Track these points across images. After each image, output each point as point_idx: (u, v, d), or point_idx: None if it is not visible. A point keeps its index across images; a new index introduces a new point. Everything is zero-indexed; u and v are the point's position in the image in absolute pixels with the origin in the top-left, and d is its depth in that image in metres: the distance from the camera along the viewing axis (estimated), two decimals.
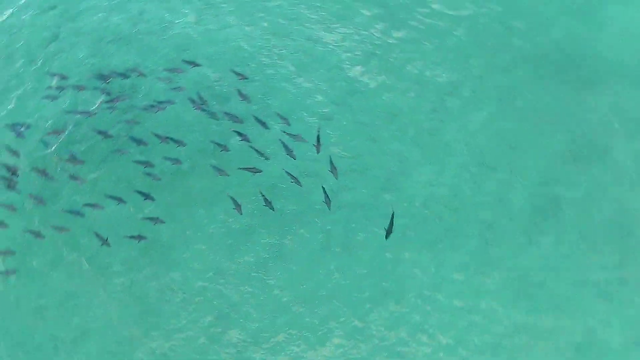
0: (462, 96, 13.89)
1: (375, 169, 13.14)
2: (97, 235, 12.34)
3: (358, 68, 14.30)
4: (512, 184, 12.88)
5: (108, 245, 12.35)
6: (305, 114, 13.74)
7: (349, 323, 11.91)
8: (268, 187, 12.96)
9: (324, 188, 12.27)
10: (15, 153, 13.19)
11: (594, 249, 12.20)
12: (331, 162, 12.36)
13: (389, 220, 11.90)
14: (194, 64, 13.90)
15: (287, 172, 12.57)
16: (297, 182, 12.49)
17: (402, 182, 12.99)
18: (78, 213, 12.65)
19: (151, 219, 12.51)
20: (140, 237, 12.41)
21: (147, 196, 12.63)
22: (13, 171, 13.00)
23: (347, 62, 14.40)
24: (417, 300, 11.99)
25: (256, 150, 12.75)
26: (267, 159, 12.81)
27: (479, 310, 11.79)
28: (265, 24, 15.18)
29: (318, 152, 12.54)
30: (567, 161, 13.13)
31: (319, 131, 12.64)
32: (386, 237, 11.93)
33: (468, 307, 11.86)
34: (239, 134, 13.01)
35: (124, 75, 13.93)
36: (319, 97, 13.96)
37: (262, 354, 11.80)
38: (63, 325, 12.17)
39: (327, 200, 12.19)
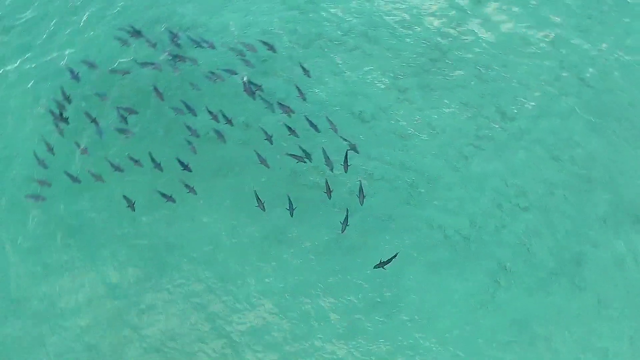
0: (511, 131, 13.39)
1: (402, 181, 12.91)
2: (126, 198, 12.70)
3: (411, 79, 14.06)
4: (540, 230, 12.31)
5: (133, 209, 12.68)
6: (347, 116, 13.67)
7: (332, 328, 11.77)
8: (295, 175, 13.03)
9: (347, 211, 12.20)
10: (67, 98, 13.76)
11: (607, 316, 11.50)
12: (360, 189, 12.25)
13: (390, 256, 11.76)
14: (270, 47, 13.92)
15: (327, 181, 12.47)
16: (329, 194, 12.38)
17: (426, 200, 12.69)
18: (118, 167, 13.04)
19: (187, 186, 12.68)
20: (170, 198, 12.64)
21: (185, 167, 12.85)
22: (62, 113, 13.57)
23: (402, 71, 14.19)
24: (407, 322, 11.70)
25: (302, 150, 12.72)
26: (310, 160, 12.73)
27: (468, 346, 11.39)
28: (327, 24, 15.15)
29: (346, 170, 12.52)
30: (605, 222, 12.40)
31: (347, 151, 12.56)
32: (374, 267, 11.78)
33: (458, 341, 11.45)
34: (289, 128, 13.02)
35: (195, 42, 14.27)
36: (365, 100, 13.85)
37: (234, 338, 11.86)
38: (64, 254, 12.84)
39: (345, 223, 12.06)
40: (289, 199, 12.32)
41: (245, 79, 13.75)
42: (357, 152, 12.76)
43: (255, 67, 14.10)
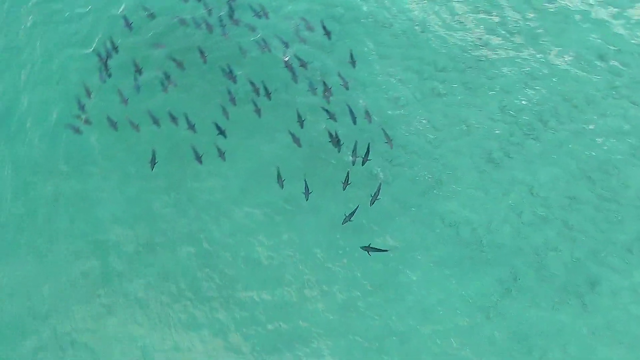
0: (547, 143, 12.85)
1: (422, 173, 12.60)
2: (154, 154, 12.75)
3: (453, 74, 13.72)
4: (559, 246, 11.74)
5: (151, 167, 12.74)
6: (382, 99, 13.45)
7: (320, 304, 11.60)
8: (315, 150, 12.91)
9: (356, 208, 11.91)
10: (114, 47, 14.03)
11: (613, 343, 10.84)
12: (378, 190, 11.96)
13: (381, 248, 11.54)
14: (327, 32, 13.76)
15: (348, 173, 12.20)
16: (344, 186, 12.11)
17: (444, 196, 12.34)
18: (156, 121, 13.09)
19: (219, 150, 12.64)
20: (199, 159, 12.65)
21: (221, 131, 12.80)
22: (107, 62, 13.80)
23: (445, 64, 13.87)
24: (402, 313, 11.39)
25: (336, 136, 12.54)
26: (338, 150, 12.55)
27: (460, 348, 10.96)
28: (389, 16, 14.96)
29: (363, 164, 12.30)
30: (630, 251, 11.72)
31: (369, 145, 12.33)
32: (361, 247, 11.57)
33: (450, 340, 11.06)
34: (328, 112, 12.90)
35: (252, 9, 14.34)
36: (402, 86, 13.60)
37: (221, 301, 11.87)
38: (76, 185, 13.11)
39: (349, 217, 11.81)
40: (306, 183, 12.13)
41: (287, 57, 13.76)
42: (390, 147, 12.55)
43: (306, 44, 14.07)
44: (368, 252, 11.45)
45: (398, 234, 11.93)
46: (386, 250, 11.55)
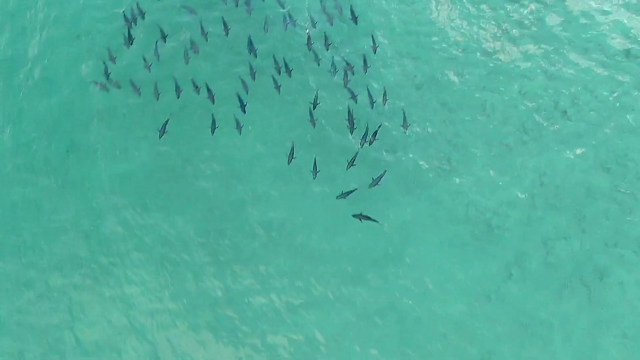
0: (564, 132, 12.44)
1: (433, 153, 12.31)
2: (167, 120, 12.67)
3: (474, 56, 13.31)
4: (569, 235, 11.39)
5: (159, 135, 12.67)
6: (400, 78, 13.17)
7: (317, 279, 11.50)
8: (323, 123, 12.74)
9: (354, 189, 11.75)
10: (141, 13, 13.91)
11: (620, 334, 10.50)
12: (380, 177, 11.77)
13: (373, 218, 11.37)
14: (354, 18, 13.51)
15: (356, 154, 12.01)
16: (349, 165, 11.92)
17: (453, 177, 12.05)
18: (179, 89, 12.96)
19: (237, 122, 12.50)
20: (213, 130, 12.52)
21: (242, 106, 12.62)
22: (129, 31, 13.65)
23: (466, 45, 13.50)
24: (401, 289, 11.21)
25: (352, 120, 12.36)
26: (351, 132, 12.35)
27: (457, 328, 10.71)
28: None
29: (370, 144, 12.08)
30: None
31: (379, 127, 12.16)
32: (354, 215, 11.41)
33: (448, 320, 10.82)
34: (351, 92, 12.71)
35: None
36: (422, 65, 13.31)
37: (220, 258, 11.85)
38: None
39: (344, 195, 11.63)
40: (315, 162, 11.95)
41: (309, 31, 13.61)
42: (405, 130, 12.35)
43: (331, 22, 13.77)
44: (360, 219, 11.28)
45: (403, 212, 11.68)
46: (377, 222, 11.36)
